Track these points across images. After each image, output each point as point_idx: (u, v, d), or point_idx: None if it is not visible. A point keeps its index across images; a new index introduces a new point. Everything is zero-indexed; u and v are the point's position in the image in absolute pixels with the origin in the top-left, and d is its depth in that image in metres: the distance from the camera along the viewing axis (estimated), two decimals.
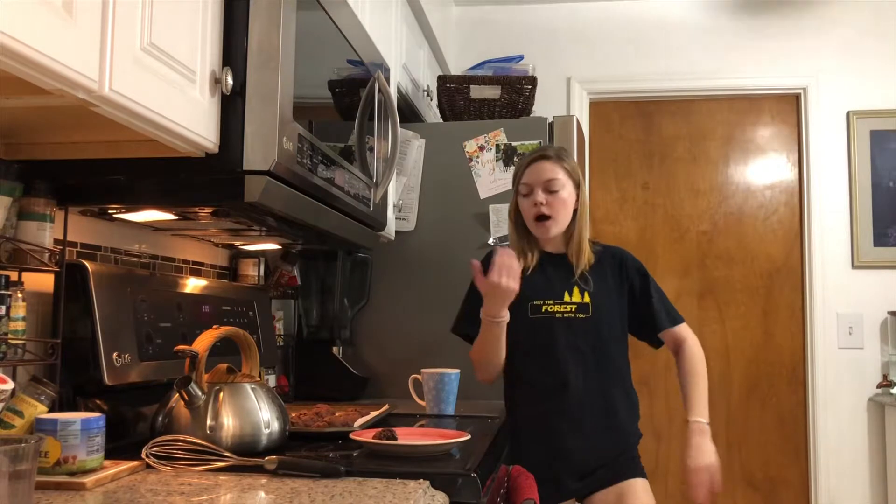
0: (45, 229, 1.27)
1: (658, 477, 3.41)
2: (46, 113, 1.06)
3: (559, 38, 3.59)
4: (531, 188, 1.88)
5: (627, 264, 1.95)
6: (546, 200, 1.86)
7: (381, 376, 2.42)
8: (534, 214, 1.88)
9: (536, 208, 1.87)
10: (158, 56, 1.07)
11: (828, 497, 3.29)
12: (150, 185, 1.31)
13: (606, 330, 1.89)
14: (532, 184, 1.88)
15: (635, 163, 3.58)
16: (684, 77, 3.52)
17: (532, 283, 1.87)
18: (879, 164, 3.37)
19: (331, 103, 1.61)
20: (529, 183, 1.89)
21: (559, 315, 1.87)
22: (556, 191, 1.87)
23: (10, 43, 0.77)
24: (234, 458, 1.22)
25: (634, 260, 1.97)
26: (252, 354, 1.44)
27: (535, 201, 1.86)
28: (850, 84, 3.42)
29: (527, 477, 1.61)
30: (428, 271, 2.46)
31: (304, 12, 1.36)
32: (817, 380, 3.34)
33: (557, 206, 1.87)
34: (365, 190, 1.77)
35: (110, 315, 1.38)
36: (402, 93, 2.51)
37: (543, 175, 1.87)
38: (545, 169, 1.88)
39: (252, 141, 1.23)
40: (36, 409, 1.15)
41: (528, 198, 1.89)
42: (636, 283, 1.94)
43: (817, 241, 3.38)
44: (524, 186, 1.90)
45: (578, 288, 1.89)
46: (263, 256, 2.21)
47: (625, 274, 1.94)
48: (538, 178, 1.87)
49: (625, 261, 1.96)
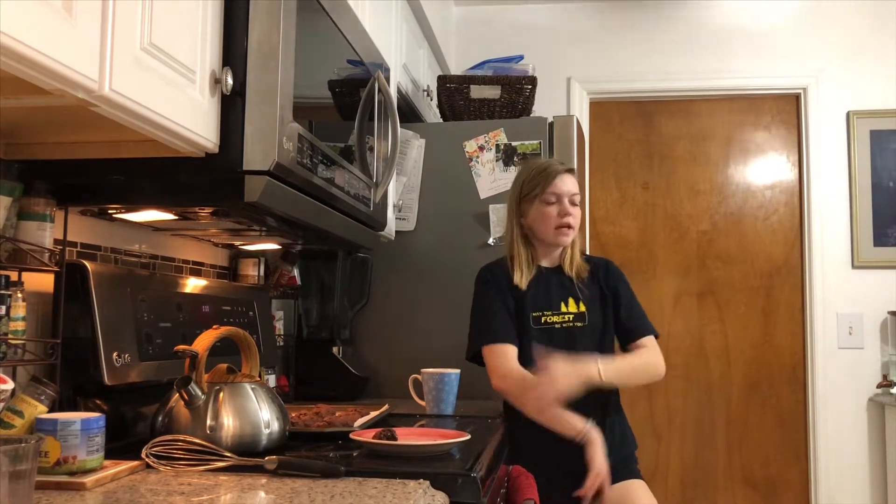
0: (45, 229, 1.27)
1: (658, 477, 3.41)
2: (46, 113, 1.06)
3: (559, 38, 3.59)
4: (560, 197, 1.95)
5: (612, 272, 2.04)
6: (571, 212, 1.96)
7: (381, 376, 2.42)
8: (559, 223, 1.95)
9: (565, 219, 1.94)
10: (158, 56, 1.07)
11: (828, 497, 3.29)
12: (150, 185, 1.31)
13: (601, 337, 1.96)
14: (562, 195, 1.95)
15: (635, 163, 3.58)
16: (684, 77, 3.52)
17: (531, 296, 1.92)
18: (879, 164, 3.37)
19: (331, 103, 1.61)
20: (560, 193, 1.95)
21: (558, 325, 1.94)
22: (578, 204, 1.99)
23: (10, 43, 0.77)
24: (234, 458, 1.22)
25: (618, 269, 2.07)
26: (252, 354, 1.44)
27: (566, 212, 1.94)
28: (850, 84, 3.42)
29: (527, 477, 1.61)
30: (428, 271, 2.46)
31: (304, 12, 1.36)
32: (817, 380, 3.34)
33: (579, 217, 1.99)
34: (365, 190, 1.77)
35: (110, 315, 1.38)
36: (402, 93, 2.51)
37: (573, 188, 1.98)
38: (572, 183, 1.99)
39: (252, 141, 1.23)
40: (36, 409, 1.15)
41: (555, 206, 1.95)
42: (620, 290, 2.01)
43: (817, 241, 3.38)
44: (553, 196, 1.96)
45: (574, 298, 1.97)
46: (263, 256, 2.21)
47: (611, 282, 2.01)
48: (568, 190, 1.96)
49: (609, 269, 2.04)
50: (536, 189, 1.96)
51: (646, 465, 1.94)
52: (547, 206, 1.95)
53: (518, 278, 1.94)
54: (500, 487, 1.52)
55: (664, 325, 3.46)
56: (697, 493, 3.42)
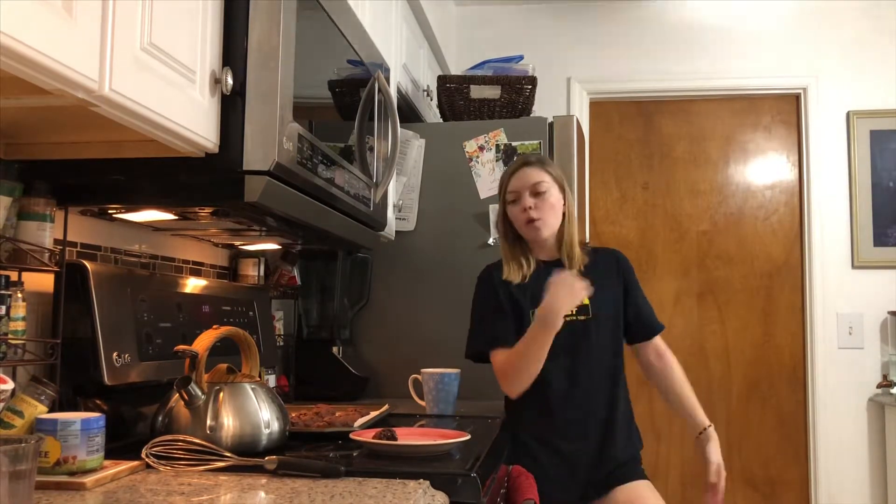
0: (45, 229, 1.27)
1: (659, 477, 3.41)
2: (46, 113, 1.06)
3: (559, 38, 3.59)
4: (518, 194, 1.91)
5: (622, 263, 2.00)
6: (534, 204, 1.89)
7: (381, 376, 2.42)
8: (524, 219, 1.90)
9: (526, 213, 1.89)
10: (158, 56, 1.07)
11: (828, 497, 3.29)
12: (150, 185, 1.31)
13: (606, 330, 1.92)
14: (519, 190, 1.91)
15: (635, 163, 3.58)
16: (684, 77, 3.52)
17: (531, 292, 1.88)
18: (879, 164, 3.37)
19: (331, 103, 1.61)
20: (516, 189, 1.92)
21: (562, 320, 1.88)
22: (543, 192, 1.90)
23: (10, 43, 0.77)
24: (234, 458, 1.22)
25: (627, 260, 2.03)
26: (252, 354, 1.44)
27: (524, 206, 1.89)
28: (850, 84, 3.42)
29: (527, 477, 1.61)
30: (428, 271, 2.46)
31: (304, 12, 1.36)
32: (817, 380, 3.34)
33: (545, 208, 1.90)
34: (365, 190, 1.77)
35: (110, 315, 1.38)
36: (402, 93, 2.51)
37: (529, 180, 1.91)
38: (530, 174, 1.92)
39: (252, 141, 1.23)
40: (36, 409, 1.15)
41: (517, 204, 1.92)
42: (630, 283, 1.99)
43: (817, 241, 3.38)
44: (511, 194, 1.93)
45: None
46: (263, 256, 2.21)
47: (623, 273, 1.98)
48: (524, 184, 1.91)
49: (620, 260, 2.01)
50: (502, 192, 1.96)
51: (646, 465, 1.93)
52: (511, 205, 1.94)
53: (508, 273, 1.92)
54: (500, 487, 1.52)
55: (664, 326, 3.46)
56: (697, 493, 3.41)
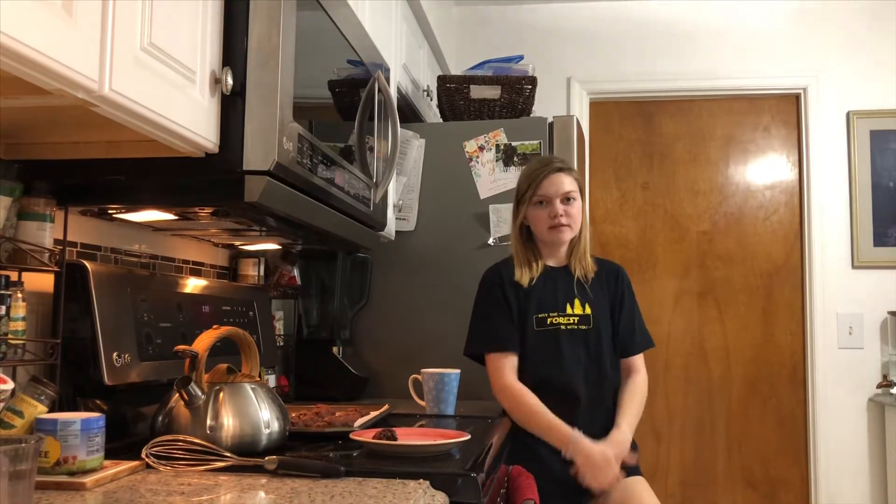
0: (45, 229, 1.27)
1: (658, 477, 3.41)
2: (46, 113, 1.06)
3: (559, 38, 3.59)
4: (549, 199, 1.93)
5: (622, 279, 2.03)
6: (563, 211, 1.93)
7: (381, 376, 2.42)
8: (551, 224, 1.93)
9: (556, 219, 1.92)
10: (158, 56, 1.07)
11: (828, 497, 3.29)
12: (150, 185, 1.31)
13: (606, 340, 1.96)
14: (551, 196, 1.93)
15: (635, 163, 3.58)
16: (684, 77, 3.52)
17: (536, 296, 1.91)
18: (879, 164, 3.37)
19: (331, 103, 1.61)
20: (548, 195, 1.94)
21: (564, 327, 1.93)
22: (573, 200, 1.94)
23: (9, 43, 0.77)
24: (234, 458, 1.22)
25: (628, 277, 2.06)
26: (252, 354, 1.44)
27: (556, 213, 1.92)
28: (850, 84, 3.42)
29: (527, 477, 1.61)
30: (428, 271, 2.46)
31: (304, 12, 1.36)
32: (817, 380, 3.34)
33: (574, 215, 1.95)
34: (365, 190, 1.77)
35: (110, 315, 1.38)
36: (402, 93, 2.51)
37: (563, 187, 1.94)
38: (563, 181, 1.94)
39: (252, 141, 1.23)
40: (36, 409, 1.15)
41: (544, 207, 1.94)
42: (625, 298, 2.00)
43: (817, 241, 3.38)
44: (540, 197, 1.94)
45: (580, 300, 1.96)
46: (263, 256, 2.21)
47: (620, 289, 2.01)
48: (557, 191, 1.93)
49: (620, 276, 2.03)
50: (528, 192, 1.96)
51: (646, 465, 1.94)
52: (537, 207, 1.95)
53: (519, 276, 1.94)
54: (500, 487, 1.52)
55: (664, 325, 3.46)
56: (697, 493, 3.42)
